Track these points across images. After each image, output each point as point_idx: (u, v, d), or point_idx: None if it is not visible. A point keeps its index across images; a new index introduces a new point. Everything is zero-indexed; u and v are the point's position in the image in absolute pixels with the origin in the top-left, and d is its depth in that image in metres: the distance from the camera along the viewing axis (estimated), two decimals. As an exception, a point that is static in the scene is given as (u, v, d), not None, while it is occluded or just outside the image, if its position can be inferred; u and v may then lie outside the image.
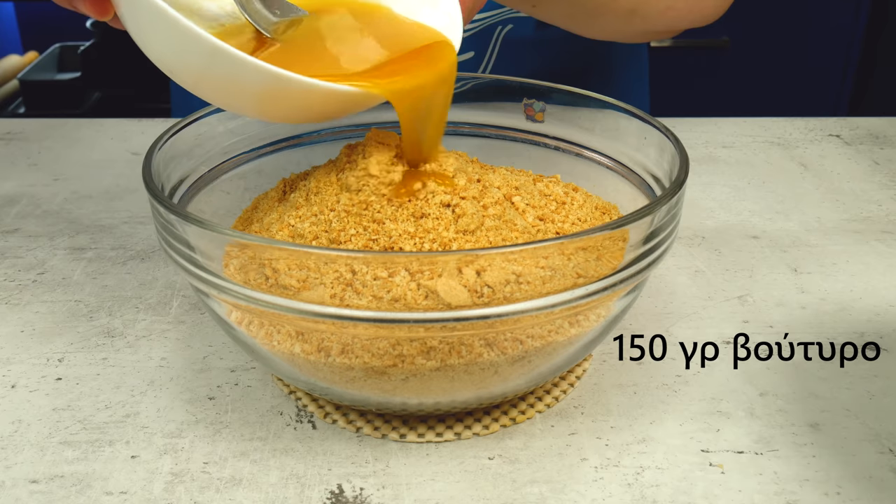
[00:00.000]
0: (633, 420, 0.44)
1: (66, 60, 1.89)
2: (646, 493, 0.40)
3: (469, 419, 0.44)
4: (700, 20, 0.70)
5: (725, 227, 0.64)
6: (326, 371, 0.39)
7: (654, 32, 0.72)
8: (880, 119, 0.86)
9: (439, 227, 0.41)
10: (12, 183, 0.71)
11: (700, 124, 0.84)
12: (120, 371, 0.48)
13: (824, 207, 0.67)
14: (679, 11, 0.67)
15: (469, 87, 0.57)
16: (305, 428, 0.44)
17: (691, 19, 0.69)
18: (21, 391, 0.46)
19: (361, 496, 0.40)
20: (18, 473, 0.41)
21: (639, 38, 0.73)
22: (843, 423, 0.44)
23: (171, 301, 0.55)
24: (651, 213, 0.39)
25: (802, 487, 0.40)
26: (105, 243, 0.62)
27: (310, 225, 0.43)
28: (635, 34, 0.71)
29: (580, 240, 0.37)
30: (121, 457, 0.42)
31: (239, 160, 0.53)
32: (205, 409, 0.45)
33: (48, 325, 0.52)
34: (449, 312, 0.36)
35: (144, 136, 0.81)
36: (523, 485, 0.40)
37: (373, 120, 0.58)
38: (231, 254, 0.39)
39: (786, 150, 0.79)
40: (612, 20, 0.65)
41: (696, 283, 0.57)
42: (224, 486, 0.40)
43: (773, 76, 1.78)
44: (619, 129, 0.51)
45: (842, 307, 0.54)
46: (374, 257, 0.36)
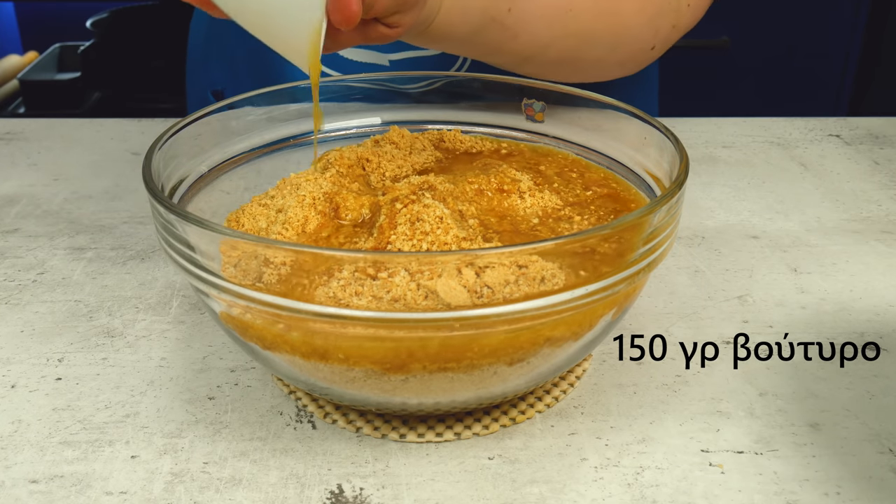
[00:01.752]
0: (633, 420, 0.44)
1: (66, 60, 1.89)
2: (646, 493, 0.40)
3: (469, 419, 0.44)
4: (601, 77, 0.68)
5: (725, 227, 0.64)
6: (326, 371, 0.39)
7: (578, 79, 0.69)
8: (880, 119, 0.86)
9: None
10: (12, 183, 0.71)
11: (700, 124, 0.84)
12: (120, 371, 0.48)
13: (824, 207, 0.67)
14: (571, 68, 0.65)
15: (469, 86, 0.57)
16: (305, 428, 0.44)
17: (590, 74, 0.67)
18: (21, 391, 0.46)
19: (361, 496, 0.40)
20: (18, 473, 0.41)
21: (568, 80, 0.69)
22: (843, 423, 0.44)
23: (171, 301, 0.55)
24: (651, 213, 0.39)
25: (802, 487, 0.40)
26: (105, 243, 0.62)
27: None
28: (562, 77, 0.68)
29: (579, 240, 0.37)
30: (121, 457, 0.42)
31: (239, 160, 0.53)
32: (205, 409, 0.45)
33: (48, 325, 0.52)
34: (449, 312, 0.36)
35: (144, 136, 0.81)
36: (523, 485, 0.40)
37: (372, 122, 0.58)
38: (230, 253, 0.39)
39: (786, 150, 0.79)
40: (512, 64, 0.64)
41: (696, 283, 0.57)
42: (224, 486, 0.40)
43: (773, 76, 1.78)
44: (619, 129, 0.51)
45: (842, 307, 0.54)
46: (375, 257, 0.36)
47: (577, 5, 0.61)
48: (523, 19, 0.60)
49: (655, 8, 0.65)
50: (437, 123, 0.58)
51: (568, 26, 0.62)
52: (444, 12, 0.55)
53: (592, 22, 0.62)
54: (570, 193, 0.50)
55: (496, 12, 0.58)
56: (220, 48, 0.81)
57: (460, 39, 0.58)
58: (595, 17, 0.62)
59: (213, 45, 0.82)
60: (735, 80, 1.77)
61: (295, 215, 0.44)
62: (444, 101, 0.58)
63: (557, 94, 0.55)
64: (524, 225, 0.46)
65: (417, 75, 0.59)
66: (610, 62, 0.66)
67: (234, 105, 0.52)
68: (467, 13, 0.56)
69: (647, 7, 0.64)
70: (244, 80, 0.79)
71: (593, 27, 0.63)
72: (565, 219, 0.46)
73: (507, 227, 0.45)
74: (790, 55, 1.76)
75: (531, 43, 0.61)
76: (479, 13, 0.57)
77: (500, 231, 0.44)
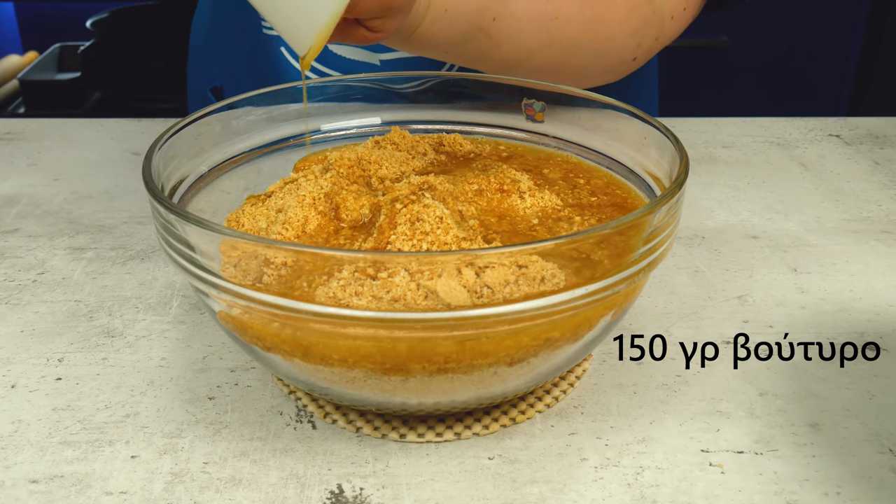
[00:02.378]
0: (633, 420, 0.44)
1: (66, 60, 1.89)
2: (646, 493, 0.40)
3: (469, 419, 0.44)
4: (586, 84, 0.68)
5: (725, 227, 0.64)
6: (326, 371, 0.39)
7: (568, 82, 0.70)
8: (880, 119, 0.86)
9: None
10: (12, 183, 0.71)
11: (700, 124, 0.84)
12: (120, 371, 0.48)
13: (824, 207, 0.67)
14: (557, 74, 0.65)
15: (468, 86, 0.57)
16: (305, 428, 0.44)
17: (575, 81, 0.67)
18: (21, 391, 0.46)
19: (361, 496, 0.40)
20: (18, 473, 0.41)
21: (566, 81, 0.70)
22: (843, 423, 0.44)
23: (171, 301, 0.55)
24: (651, 213, 0.39)
25: (802, 487, 0.40)
26: (105, 243, 0.62)
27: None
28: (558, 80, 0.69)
29: (580, 240, 0.37)
30: (121, 457, 0.42)
31: (239, 160, 0.53)
32: (205, 409, 0.45)
33: (48, 325, 0.52)
34: (449, 312, 0.36)
35: (144, 136, 0.81)
36: (523, 485, 0.40)
37: (371, 123, 0.58)
38: (230, 253, 0.39)
39: (786, 150, 0.79)
40: (495, 70, 0.64)
41: (696, 283, 0.57)
42: (224, 486, 0.40)
43: (773, 76, 1.78)
44: (619, 129, 0.51)
45: (842, 307, 0.54)
46: (375, 257, 0.36)
47: (562, 13, 0.61)
48: (509, 29, 0.60)
49: (640, 20, 0.64)
50: (437, 123, 0.58)
51: (553, 34, 0.62)
52: (430, 21, 0.55)
53: (578, 31, 0.62)
54: (570, 195, 0.50)
55: (481, 22, 0.58)
56: (219, 48, 0.82)
57: (445, 47, 0.58)
58: (581, 26, 0.62)
59: (212, 44, 0.83)
60: (735, 80, 1.77)
61: (295, 215, 0.44)
62: (444, 102, 0.58)
63: (557, 94, 0.55)
64: (524, 225, 0.46)
65: (410, 75, 0.59)
66: (595, 69, 0.66)
67: (234, 105, 0.52)
68: (453, 23, 0.56)
69: (631, 18, 0.64)
70: (243, 79, 0.79)
71: (578, 36, 0.63)
72: (565, 219, 0.46)
73: (506, 228, 0.45)
74: (790, 55, 1.76)
75: (516, 51, 0.61)
76: (464, 24, 0.57)
77: (500, 231, 0.44)
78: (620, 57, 0.66)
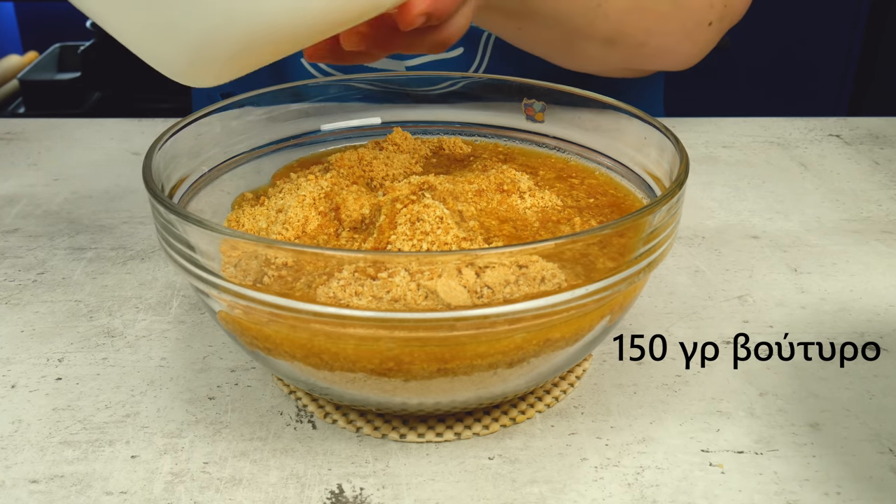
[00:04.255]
0: (633, 420, 0.44)
1: (66, 60, 1.89)
2: (646, 493, 0.40)
3: (469, 419, 0.44)
4: (673, 64, 0.72)
5: (725, 227, 0.64)
6: (326, 371, 0.39)
7: (632, 70, 0.74)
8: (880, 119, 0.86)
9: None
10: (12, 183, 0.71)
11: (700, 124, 0.84)
12: (120, 371, 0.48)
13: (824, 207, 0.67)
14: (652, 49, 0.69)
15: (467, 86, 0.57)
16: (305, 428, 0.44)
17: (664, 61, 0.71)
18: (21, 391, 0.46)
19: (361, 496, 0.40)
20: (18, 473, 0.41)
21: (617, 73, 0.74)
22: (843, 423, 0.44)
23: (171, 301, 0.55)
24: (651, 213, 0.39)
25: (802, 487, 0.40)
26: (105, 243, 0.62)
27: None
28: (613, 69, 0.72)
29: (580, 240, 0.37)
30: (121, 457, 0.42)
31: (239, 160, 0.53)
32: (205, 409, 0.45)
33: (48, 325, 0.52)
34: (449, 312, 0.36)
35: (144, 136, 0.81)
36: (523, 485, 0.40)
37: (372, 122, 0.58)
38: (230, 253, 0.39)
39: (786, 150, 0.79)
40: (591, 49, 0.66)
41: (696, 283, 0.57)
42: (224, 486, 0.40)
43: (773, 76, 1.78)
44: (619, 129, 0.51)
45: (842, 307, 0.54)
46: (375, 257, 0.36)
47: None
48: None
49: None
50: (437, 123, 0.58)
51: (643, 5, 0.65)
52: None
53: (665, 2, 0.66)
54: (569, 196, 0.50)
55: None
56: None
57: (552, 14, 0.61)
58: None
59: None
60: (735, 80, 1.77)
61: (295, 215, 0.44)
62: (444, 102, 0.58)
63: (557, 94, 0.55)
64: (524, 225, 0.46)
65: (433, 76, 0.59)
66: (674, 23, 0.69)
67: (234, 105, 0.52)
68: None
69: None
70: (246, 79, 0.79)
71: (666, 7, 0.66)
72: (565, 219, 0.46)
73: (507, 228, 0.45)
74: (790, 55, 1.76)
75: (617, 22, 0.64)
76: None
77: (500, 231, 0.44)
78: (698, 17, 0.69)
